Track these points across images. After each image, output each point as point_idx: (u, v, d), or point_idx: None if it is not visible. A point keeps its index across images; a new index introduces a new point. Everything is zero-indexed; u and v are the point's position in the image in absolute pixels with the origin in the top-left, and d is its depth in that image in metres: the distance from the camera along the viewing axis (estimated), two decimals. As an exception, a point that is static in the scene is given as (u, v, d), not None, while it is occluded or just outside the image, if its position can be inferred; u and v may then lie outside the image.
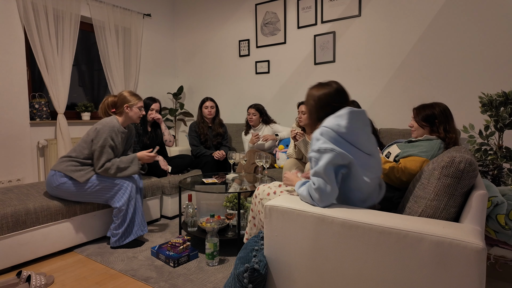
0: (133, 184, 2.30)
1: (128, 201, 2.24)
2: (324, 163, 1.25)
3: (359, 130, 1.32)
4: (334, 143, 1.26)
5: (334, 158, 1.25)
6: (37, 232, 2.05)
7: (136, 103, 2.34)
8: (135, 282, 1.81)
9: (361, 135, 1.32)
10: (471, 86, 2.60)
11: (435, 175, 1.23)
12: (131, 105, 2.32)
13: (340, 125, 1.29)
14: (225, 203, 2.43)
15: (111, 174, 2.21)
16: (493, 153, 2.08)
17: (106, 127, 2.20)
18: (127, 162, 2.27)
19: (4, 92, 2.88)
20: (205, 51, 4.24)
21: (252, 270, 1.24)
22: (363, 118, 1.36)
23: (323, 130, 1.30)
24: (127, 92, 2.36)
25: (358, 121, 1.33)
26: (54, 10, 3.16)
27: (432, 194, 1.22)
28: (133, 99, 2.34)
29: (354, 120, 1.31)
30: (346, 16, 3.12)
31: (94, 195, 2.22)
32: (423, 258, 1.01)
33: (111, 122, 2.24)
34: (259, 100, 3.80)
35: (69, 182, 2.16)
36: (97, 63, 3.88)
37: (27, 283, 1.74)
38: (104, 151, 2.17)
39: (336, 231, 1.17)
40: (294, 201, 1.35)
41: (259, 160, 2.56)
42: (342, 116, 1.31)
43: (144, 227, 2.31)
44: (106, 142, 2.18)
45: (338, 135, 1.28)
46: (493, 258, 1.69)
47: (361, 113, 1.35)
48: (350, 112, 1.31)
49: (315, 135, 1.32)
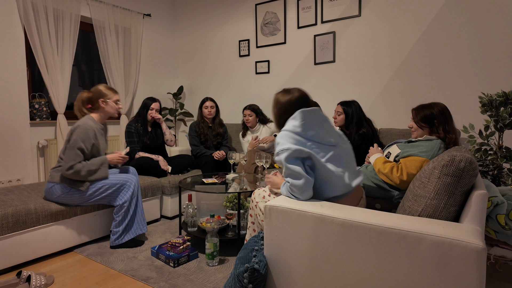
0: (136, 182, 2.29)
1: (130, 198, 2.24)
2: (286, 162, 1.38)
3: (315, 125, 1.44)
4: (292, 142, 1.39)
5: (292, 154, 1.37)
6: (38, 232, 2.05)
7: (112, 97, 2.25)
8: (135, 282, 1.81)
9: (318, 130, 1.44)
10: (471, 86, 2.60)
11: (435, 174, 1.23)
12: (107, 99, 2.23)
13: (295, 125, 1.43)
14: (225, 203, 2.43)
15: (82, 176, 2.10)
16: (493, 153, 2.08)
17: (78, 128, 2.10)
18: (97, 164, 2.17)
19: (4, 92, 2.88)
20: (205, 51, 4.24)
21: (252, 270, 1.24)
22: (317, 114, 1.48)
23: (282, 134, 1.45)
24: (102, 86, 2.26)
25: (312, 118, 1.45)
26: (54, 10, 3.16)
27: (432, 193, 1.22)
28: (109, 92, 2.24)
29: (307, 118, 1.44)
30: (346, 16, 3.12)
31: (99, 199, 2.22)
32: (423, 258, 1.01)
33: (84, 124, 2.13)
34: (259, 100, 3.80)
35: (71, 192, 2.13)
36: (97, 63, 3.88)
37: (27, 283, 1.74)
38: (73, 153, 2.07)
39: (336, 231, 1.17)
40: (294, 201, 1.35)
41: (259, 160, 2.56)
42: (296, 117, 1.45)
43: (144, 226, 2.32)
44: (76, 143, 2.07)
45: (295, 134, 1.42)
46: (493, 258, 1.69)
47: (313, 111, 1.47)
48: (302, 112, 1.45)
49: (276, 140, 1.46)
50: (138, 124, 3.02)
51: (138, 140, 3.01)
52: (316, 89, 3.38)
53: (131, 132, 2.98)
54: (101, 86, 2.26)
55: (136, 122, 3.02)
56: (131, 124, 3.01)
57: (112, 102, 2.25)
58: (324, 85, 3.33)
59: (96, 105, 2.24)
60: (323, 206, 1.28)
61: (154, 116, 3.02)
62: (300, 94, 1.57)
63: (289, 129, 1.44)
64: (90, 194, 2.16)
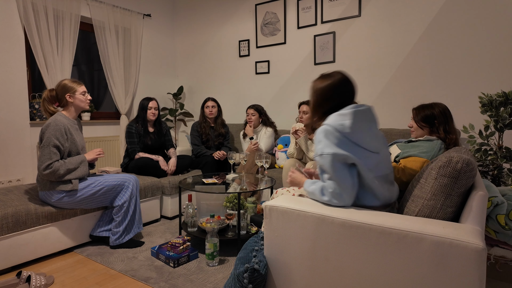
0: (135, 181, 2.29)
1: (129, 199, 2.24)
2: (329, 166, 1.23)
3: (364, 129, 1.27)
4: (337, 144, 1.23)
5: (338, 158, 1.22)
6: (37, 232, 2.05)
7: (77, 89, 2.15)
8: (135, 282, 1.81)
9: (366, 134, 1.27)
10: (471, 86, 2.60)
11: (432, 175, 1.23)
12: (73, 93, 2.14)
13: (343, 125, 1.24)
14: (225, 203, 2.43)
15: (60, 174, 2.02)
16: (493, 153, 2.08)
17: (50, 126, 2.02)
18: (76, 163, 2.10)
19: (4, 92, 2.88)
20: (205, 51, 4.24)
21: (252, 270, 1.24)
22: (369, 116, 1.31)
23: (326, 130, 1.25)
24: (66, 81, 2.16)
25: (363, 120, 1.28)
26: (54, 10, 3.16)
27: (429, 194, 1.22)
28: (73, 86, 2.15)
29: (359, 119, 1.26)
30: (346, 16, 3.12)
31: (99, 201, 2.22)
32: (423, 258, 1.01)
33: (55, 121, 2.04)
34: (259, 100, 3.80)
35: (66, 196, 2.09)
36: (97, 63, 3.88)
37: (27, 283, 1.74)
38: (47, 151, 1.99)
39: (336, 231, 1.17)
40: (294, 201, 1.35)
41: (259, 161, 2.56)
42: (346, 115, 1.25)
43: (140, 224, 2.33)
44: (49, 141, 1.99)
45: (341, 135, 1.24)
46: (493, 258, 1.69)
47: (366, 111, 1.30)
48: (355, 112, 1.26)
49: (317, 136, 1.28)
50: (139, 124, 3.03)
51: (139, 141, 3.01)
52: (316, 89, 3.38)
53: (132, 132, 2.98)
54: (64, 81, 2.17)
55: (136, 123, 3.03)
56: (131, 125, 3.01)
57: (79, 95, 2.16)
58: (324, 85, 3.33)
59: (63, 102, 2.16)
60: (323, 206, 1.28)
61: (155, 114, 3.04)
62: (342, 76, 1.35)
63: (336, 126, 1.24)
64: (89, 196, 2.15)
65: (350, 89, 1.36)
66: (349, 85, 1.36)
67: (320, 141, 1.26)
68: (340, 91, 1.34)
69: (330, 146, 1.22)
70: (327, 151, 1.22)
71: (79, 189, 2.12)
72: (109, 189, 2.20)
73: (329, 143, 1.23)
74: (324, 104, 1.36)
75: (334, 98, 1.34)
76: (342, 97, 1.35)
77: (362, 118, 1.28)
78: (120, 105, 3.78)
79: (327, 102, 1.35)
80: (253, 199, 2.51)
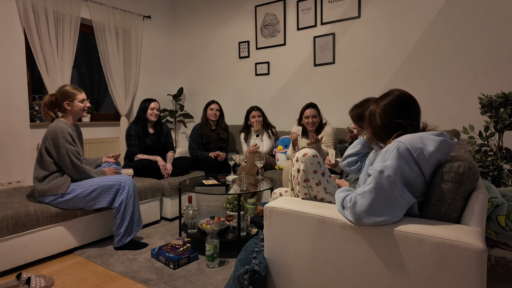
0: (130, 183, 2.28)
1: (126, 200, 2.24)
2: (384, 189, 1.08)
3: (436, 161, 1.16)
4: (406, 171, 1.11)
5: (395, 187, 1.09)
6: (37, 234, 2.04)
7: (76, 97, 2.16)
8: (135, 284, 1.81)
9: (432, 165, 1.16)
10: (471, 87, 2.61)
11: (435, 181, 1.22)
12: (71, 100, 2.15)
13: (427, 150, 1.11)
14: (225, 204, 2.43)
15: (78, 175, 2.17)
16: (493, 154, 2.08)
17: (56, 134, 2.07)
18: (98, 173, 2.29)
19: (4, 94, 2.88)
20: (205, 53, 4.25)
21: (252, 272, 1.24)
22: (448, 151, 1.17)
23: (400, 149, 1.11)
24: (67, 87, 2.17)
25: (442, 152, 1.15)
26: (54, 12, 3.16)
27: (433, 200, 1.21)
28: (73, 93, 2.15)
29: (441, 150, 1.13)
30: (346, 17, 3.13)
31: (96, 200, 2.21)
32: (424, 259, 1.01)
33: (60, 128, 2.09)
34: (259, 102, 3.81)
35: (60, 196, 2.13)
36: (97, 65, 3.88)
37: (26, 285, 1.74)
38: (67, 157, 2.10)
39: (337, 232, 1.17)
40: (294, 202, 1.35)
41: (259, 162, 2.56)
42: (430, 139, 1.13)
43: (140, 223, 2.32)
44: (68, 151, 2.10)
45: (413, 162, 1.12)
46: (494, 260, 1.68)
47: (451, 146, 1.16)
48: (444, 141, 1.13)
49: (385, 154, 1.14)
50: (138, 126, 3.03)
51: (138, 143, 3.02)
52: (316, 90, 3.38)
53: (131, 135, 2.99)
54: (66, 86, 2.18)
55: (136, 125, 3.03)
56: (131, 127, 3.02)
57: (78, 103, 2.17)
58: (324, 87, 3.34)
59: (62, 108, 2.17)
60: (323, 207, 1.28)
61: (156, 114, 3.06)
62: (401, 91, 1.25)
63: (415, 148, 1.11)
64: (86, 195, 2.15)
65: (414, 101, 1.26)
66: (412, 98, 1.26)
67: (384, 160, 1.13)
68: (407, 102, 1.24)
69: (396, 174, 1.09)
70: (392, 179, 1.08)
71: (76, 188, 2.14)
72: (105, 189, 2.20)
73: (395, 170, 1.09)
74: (389, 121, 1.24)
75: (404, 108, 1.23)
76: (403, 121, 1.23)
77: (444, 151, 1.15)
78: (120, 107, 3.78)
79: (392, 116, 1.23)
80: (253, 200, 2.50)
